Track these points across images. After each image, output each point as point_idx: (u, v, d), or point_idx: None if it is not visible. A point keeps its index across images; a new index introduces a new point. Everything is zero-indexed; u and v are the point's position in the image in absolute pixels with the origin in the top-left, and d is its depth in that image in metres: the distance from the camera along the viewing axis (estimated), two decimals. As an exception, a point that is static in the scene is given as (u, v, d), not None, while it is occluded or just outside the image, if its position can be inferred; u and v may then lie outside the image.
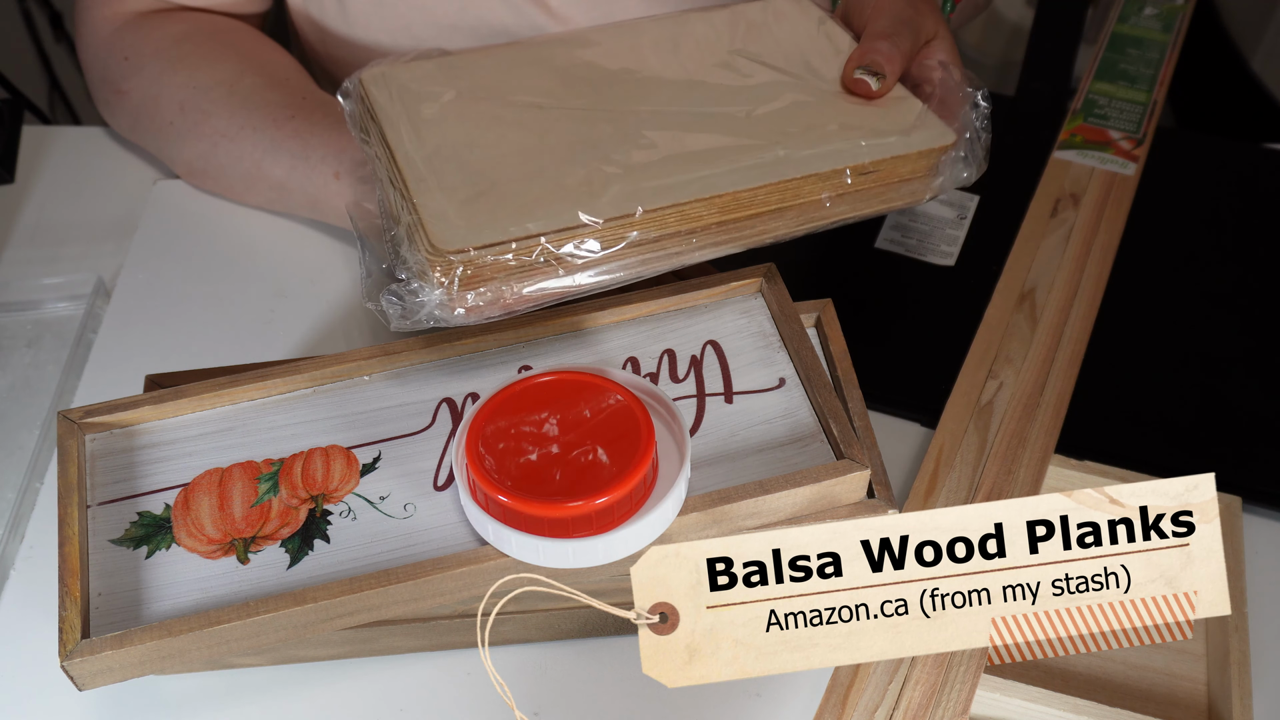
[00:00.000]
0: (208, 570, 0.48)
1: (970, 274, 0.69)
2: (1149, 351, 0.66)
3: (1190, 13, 0.88)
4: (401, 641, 0.51)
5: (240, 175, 0.71)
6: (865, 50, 0.58)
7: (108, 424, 0.53)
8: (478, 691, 0.51)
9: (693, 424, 0.53)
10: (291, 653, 0.51)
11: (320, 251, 0.71)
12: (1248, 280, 0.71)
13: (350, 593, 0.46)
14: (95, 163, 0.78)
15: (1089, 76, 0.82)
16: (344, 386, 0.55)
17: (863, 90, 0.57)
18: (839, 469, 0.49)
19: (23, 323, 0.68)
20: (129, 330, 0.66)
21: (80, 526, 0.49)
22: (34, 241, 0.73)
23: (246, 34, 0.76)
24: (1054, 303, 0.65)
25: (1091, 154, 0.75)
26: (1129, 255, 0.69)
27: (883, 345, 0.66)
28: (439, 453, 0.52)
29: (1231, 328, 0.68)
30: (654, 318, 0.57)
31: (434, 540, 0.49)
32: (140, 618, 0.47)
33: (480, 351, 0.56)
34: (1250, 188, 0.77)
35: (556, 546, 0.46)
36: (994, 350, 0.62)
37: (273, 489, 0.51)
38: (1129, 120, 0.78)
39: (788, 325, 0.56)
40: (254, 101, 0.70)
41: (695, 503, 0.48)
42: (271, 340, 0.66)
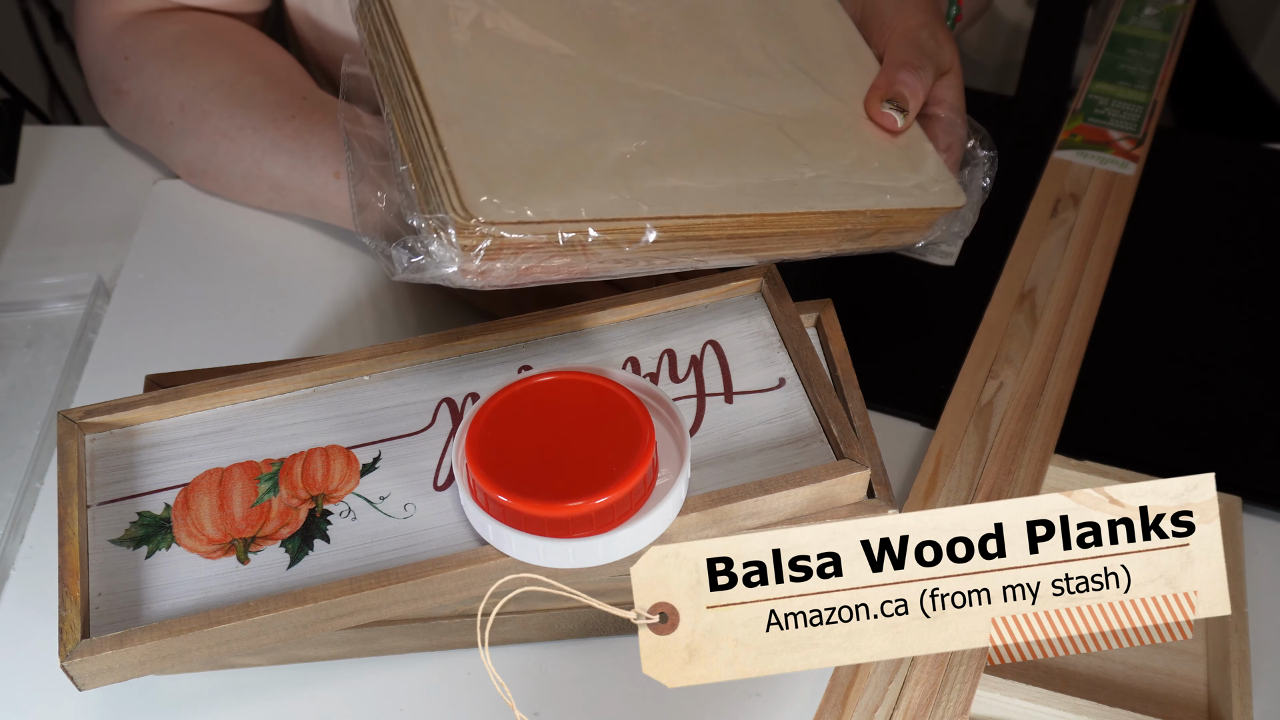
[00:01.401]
0: (208, 570, 0.48)
1: (970, 274, 0.69)
2: (1149, 351, 0.66)
3: (1190, 13, 0.88)
4: (401, 641, 0.51)
5: (240, 175, 0.71)
6: (891, 81, 0.57)
7: (108, 424, 0.53)
8: (478, 691, 0.51)
9: (693, 424, 0.53)
10: (291, 653, 0.51)
11: (320, 251, 0.71)
12: (1248, 280, 0.71)
13: (350, 593, 0.46)
14: (95, 163, 0.78)
15: (1089, 76, 0.82)
16: (344, 386, 0.55)
17: (888, 125, 0.56)
18: (839, 469, 0.49)
19: (23, 323, 0.68)
20: (129, 330, 0.66)
21: (80, 526, 0.49)
22: (34, 241, 0.73)
23: (246, 34, 0.76)
24: (1054, 303, 0.65)
25: (1091, 154, 0.75)
26: (1129, 255, 0.69)
27: (883, 345, 0.66)
28: (439, 453, 0.52)
29: (1231, 328, 0.68)
30: (654, 318, 0.57)
31: (434, 540, 0.49)
32: (140, 618, 0.47)
33: (480, 351, 0.56)
34: (1250, 188, 0.77)
35: (556, 546, 0.46)
36: (994, 350, 0.62)
37: (273, 489, 0.51)
38: (1129, 120, 0.78)
39: (788, 325, 0.56)
40: (254, 101, 0.70)
41: (695, 503, 0.48)
42: (271, 340, 0.66)
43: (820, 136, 0.54)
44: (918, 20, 0.60)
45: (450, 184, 0.45)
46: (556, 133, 0.49)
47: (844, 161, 0.54)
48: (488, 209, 0.44)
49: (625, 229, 0.48)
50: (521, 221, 0.45)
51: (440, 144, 0.46)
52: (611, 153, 0.49)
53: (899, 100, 0.56)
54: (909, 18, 0.60)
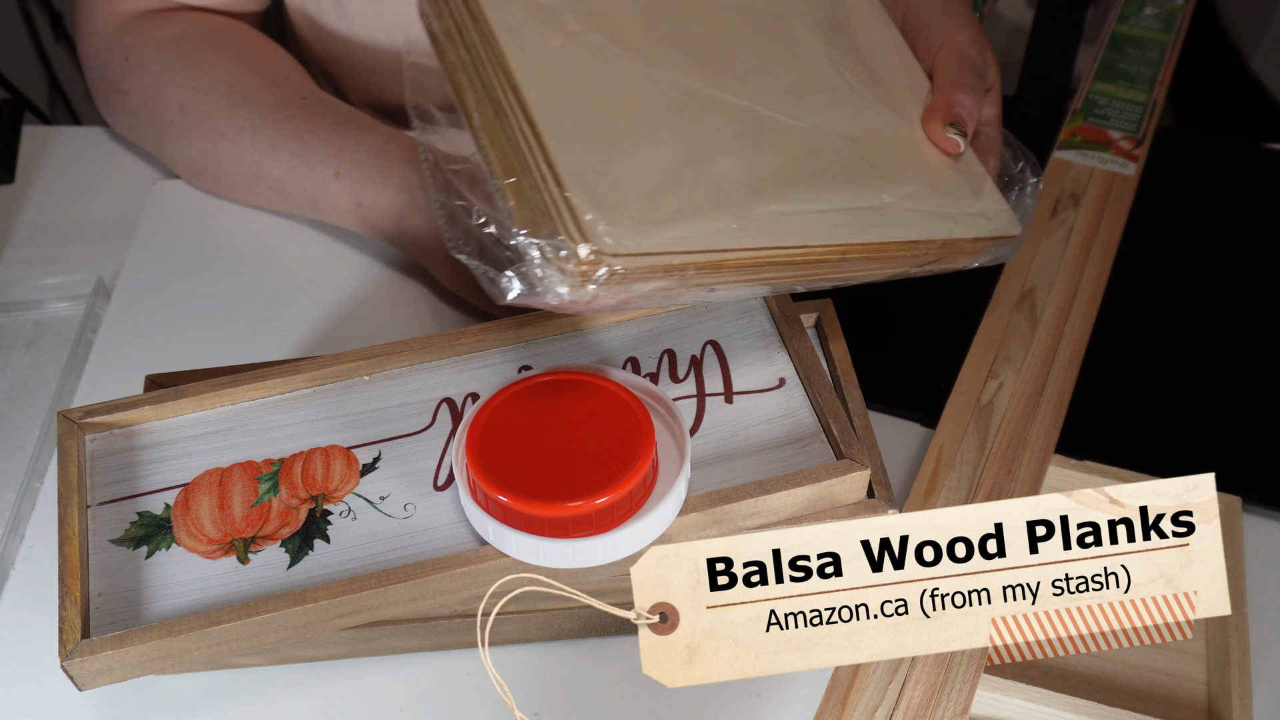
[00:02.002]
0: (208, 570, 0.48)
1: (970, 274, 0.69)
2: (1149, 351, 0.66)
3: (1190, 13, 0.88)
4: (401, 641, 0.51)
5: (240, 175, 0.71)
6: (951, 103, 0.55)
7: (108, 424, 0.53)
8: (478, 691, 0.51)
9: (693, 424, 0.53)
10: (291, 653, 0.51)
11: (320, 251, 0.71)
12: (1247, 280, 0.71)
13: (350, 593, 0.46)
14: (95, 163, 0.78)
15: (1089, 76, 0.82)
16: (344, 386, 0.55)
17: (950, 149, 0.54)
18: (839, 469, 0.49)
19: (23, 323, 0.68)
20: (129, 330, 0.66)
21: (80, 526, 0.49)
22: (34, 241, 0.73)
23: (247, 34, 0.76)
24: (1054, 303, 0.65)
25: (1091, 154, 0.75)
26: (1129, 255, 0.69)
27: (883, 345, 0.66)
28: (439, 453, 0.52)
29: (1231, 328, 0.68)
30: (654, 318, 0.57)
31: (434, 540, 0.49)
32: (140, 618, 0.47)
33: (480, 351, 0.56)
34: (1250, 188, 0.77)
35: (556, 546, 0.46)
36: (994, 350, 0.62)
37: (273, 489, 0.51)
38: (1129, 120, 0.78)
39: (788, 325, 0.56)
40: (254, 101, 0.70)
41: (695, 503, 0.48)
42: (271, 340, 0.66)
43: (891, 160, 0.53)
44: (967, 36, 0.58)
45: (566, 209, 0.42)
46: (662, 154, 0.46)
47: (915, 187, 0.52)
48: (609, 239, 0.42)
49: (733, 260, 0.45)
50: (643, 254, 0.42)
51: (551, 164, 0.43)
52: (711, 175, 0.47)
53: (960, 124, 0.54)
54: (958, 32, 0.58)
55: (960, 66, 0.57)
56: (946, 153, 0.55)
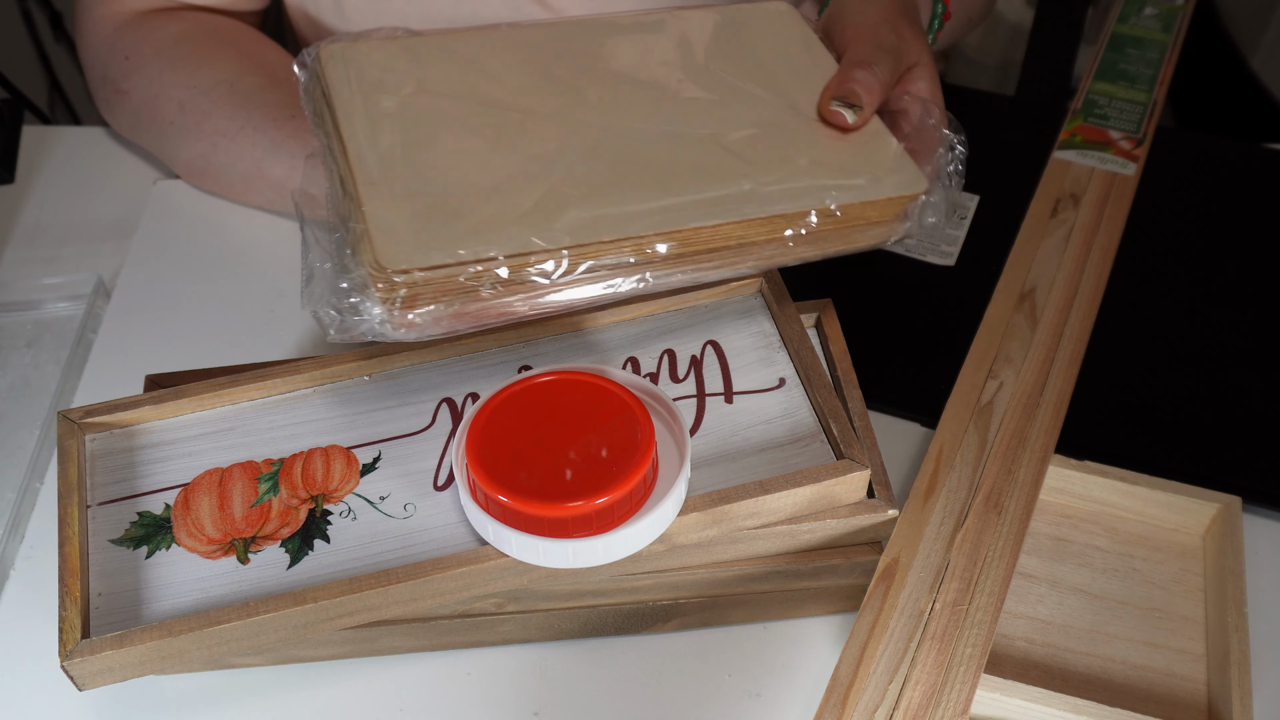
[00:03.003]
0: (208, 570, 0.48)
1: (970, 274, 0.69)
2: (1149, 351, 0.66)
3: (1190, 13, 0.88)
4: (401, 641, 0.51)
5: (240, 175, 0.71)
6: (843, 79, 0.56)
7: (108, 424, 0.53)
8: (478, 691, 0.51)
9: (693, 424, 0.53)
10: (291, 653, 0.51)
11: (320, 251, 0.71)
12: (1248, 280, 0.71)
13: (350, 593, 0.46)
14: (95, 163, 0.78)
15: (1089, 76, 0.82)
16: (344, 386, 0.55)
17: (838, 123, 0.55)
18: (839, 469, 0.49)
19: (23, 323, 0.68)
20: (129, 330, 0.66)
21: (80, 526, 0.49)
22: (34, 241, 0.73)
23: (247, 33, 0.76)
24: (1054, 303, 0.65)
25: (1091, 154, 0.75)
26: (1129, 255, 0.69)
27: (883, 345, 0.66)
28: (439, 453, 0.52)
29: (1231, 327, 0.68)
30: (654, 318, 0.57)
31: (434, 540, 0.49)
32: (140, 618, 0.47)
33: (480, 351, 0.56)
34: (1250, 188, 0.77)
35: (556, 546, 0.46)
36: (994, 350, 0.62)
37: (273, 489, 0.51)
38: (1129, 120, 0.78)
39: (788, 325, 0.56)
40: (254, 101, 0.70)
41: (695, 503, 0.48)
42: (271, 340, 0.66)
43: (765, 147, 0.53)
44: (877, 17, 0.59)
45: (368, 241, 0.47)
46: (481, 180, 0.50)
47: (791, 168, 0.52)
48: (399, 257, 0.46)
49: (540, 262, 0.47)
50: (433, 266, 0.46)
51: (361, 206, 0.48)
52: (535, 192, 0.49)
53: (849, 97, 0.55)
54: (868, 15, 0.59)
55: (864, 46, 0.57)
56: (836, 126, 0.55)
